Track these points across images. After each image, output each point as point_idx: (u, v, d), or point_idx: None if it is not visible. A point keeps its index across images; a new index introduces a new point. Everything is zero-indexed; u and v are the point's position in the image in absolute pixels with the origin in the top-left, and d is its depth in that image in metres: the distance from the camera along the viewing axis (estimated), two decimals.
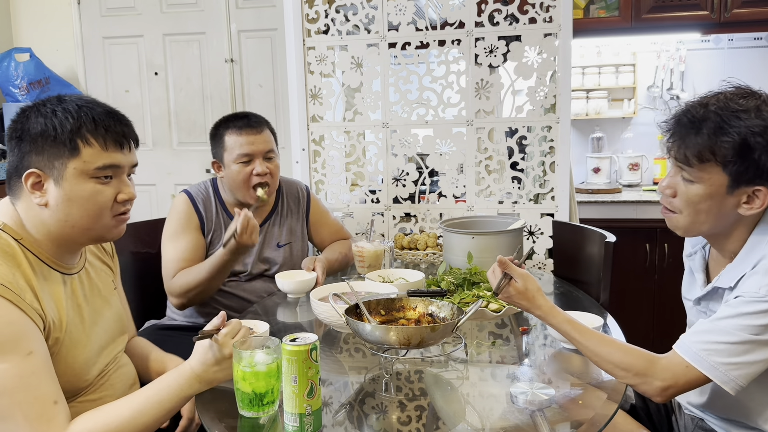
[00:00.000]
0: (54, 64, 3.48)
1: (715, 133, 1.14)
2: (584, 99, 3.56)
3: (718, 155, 1.15)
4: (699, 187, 1.20)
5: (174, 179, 3.62)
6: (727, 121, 1.14)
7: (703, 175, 1.18)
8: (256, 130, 1.97)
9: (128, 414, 1.10)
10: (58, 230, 1.15)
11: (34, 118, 1.12)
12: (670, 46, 3.46)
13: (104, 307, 1.30)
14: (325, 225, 2.23)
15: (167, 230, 1.95)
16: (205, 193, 2.02)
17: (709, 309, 1.33)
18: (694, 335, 1.19)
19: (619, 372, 1.21)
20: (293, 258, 2.10)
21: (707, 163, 1.17)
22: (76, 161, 1.12)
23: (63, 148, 1.11)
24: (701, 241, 1.40)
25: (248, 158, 1.94)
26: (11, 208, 1.16)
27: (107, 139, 1.14)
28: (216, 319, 1.21)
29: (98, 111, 1.15)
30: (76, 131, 1.12)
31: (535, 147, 2.50)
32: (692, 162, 1.18)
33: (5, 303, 1.02)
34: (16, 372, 1.01)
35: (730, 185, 1.17)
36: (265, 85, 3.39)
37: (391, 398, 1.22)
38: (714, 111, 1.16)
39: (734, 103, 1.16)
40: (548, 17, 2.40)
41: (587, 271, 2.12)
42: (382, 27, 2.53)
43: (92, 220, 1.15)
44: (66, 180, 1.12)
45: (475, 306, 1.35)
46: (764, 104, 1.16)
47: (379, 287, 1.68)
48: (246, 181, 1.94)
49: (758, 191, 1.17)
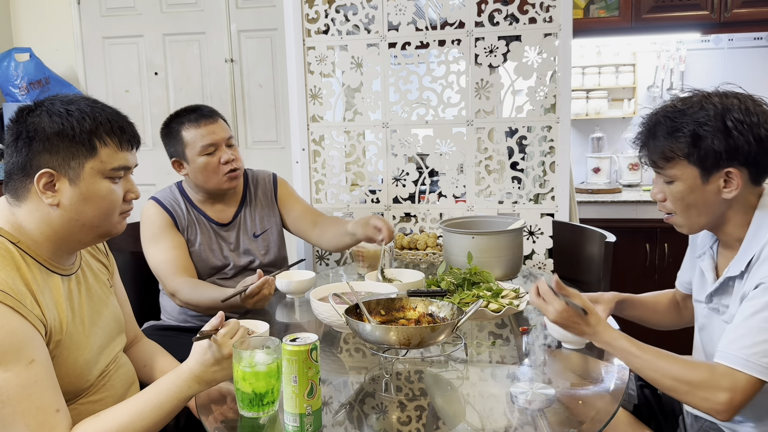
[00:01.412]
0: (54, 64, 3.48)
1: (669, 133, 1.26)
2: (584, 99, 3.56)
3: (679, 151, 1.25)
4: (678, 185, 1.28)
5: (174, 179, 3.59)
6: (676, 120, 1.25)
7: (676, 172, 1.27)
8: (212, 120, 1.96)
9: (127, 419, 1.09)
10: (65, 230, 1.15)
11: (48, 117, 1.12)
12: (670, 46, 3.46)
13: (102, 306, 1.30)
14: (295, 203, 2.17)
15: (146, 236, 1.94)
16: (172, 195, 2.02)
17: (722, 304, 1.33)
18: (733, 343, 1.16)
19: (682, 387, 1.17)
20: (272, 246, 2.09)
21: (673, 160, 1.26)
22: (93, 161, 1.14)
23: (81, 147, 1.12)
24: (709, 241, 1.41)
25: (213, 148, 1.93)
26: (6, 210, 1.15)
27: (122, 139, 1.17)
28: (214, 319, 1.21)
29: (110, 112, 1.18)
30: (94, 131, 1.13)
31: (535, 147, 2.50)
32: (661, 164, 1.28)
33: (6, 310, 1.02)
34: (18, 381, 1.01)
35: (702, 174, 1.25)
36: (265, 85, 3.39)
37: (391, 398, 1.22)
38: (663, 115, 1.28)
39: (679, 103, 1.27)
40: (548, 17, 2.40)
41: (587, 271, 2.12)
42: (382, 27, 2.53)
43: (103, 217, 1.18)
44: (83, 180, 1.13)
45: (475, 306, 1.35)
46: (705, 99, 1.25)
47: (379, 287, 1.69)
48: (215, 171, 1.94)
49: (730, 173, 1.23)
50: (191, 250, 1.96)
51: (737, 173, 1.23)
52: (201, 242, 1.98)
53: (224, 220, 2.03)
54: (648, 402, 1.57)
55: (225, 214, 2.04)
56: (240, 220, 2.06)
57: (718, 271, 1.37)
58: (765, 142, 1.21)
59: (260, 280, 1.64)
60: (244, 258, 2.04)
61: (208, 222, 2.01)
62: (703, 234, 1.43)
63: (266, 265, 2.04)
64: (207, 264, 1.98)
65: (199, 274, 1.96)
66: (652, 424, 1.53)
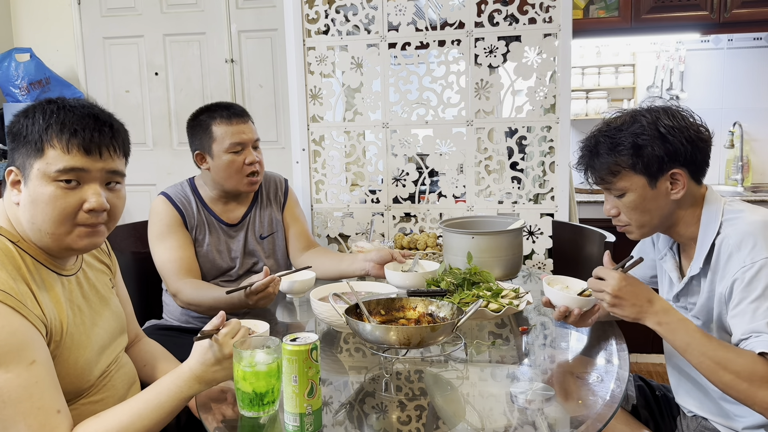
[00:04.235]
0: (54, 65, 3.48)
1: (611, 149, 1.33)
2: (584, 99, 3.56)
3: (623, 163, 1.32)
4: (630, 195, 1.35)
5: (174, 179, 3.58)
6: (615, 137, 1.33)
7: (624, 184, 1.34)
8: (243, 120, 1.96)
9: (128, 419, 1.09)
10: (32, 232, 1.13)
11: (22, 118, 1.13)
12: (669, 46, 3.46)
13: (103, 307, 1.30)
14: (295, 221, 2.15)
15: (153, 233, 1.93)
16: (183, 192, 2.01)
17: (689, 302, 1.38)
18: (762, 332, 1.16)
19: (741, 385, 1.14)
20: (277, 250, 2.10)
21: (620, 174, 1.34)
22: (39, 162, 1.10)
23: (31, 147, 1.11)
24: (668, 243, 1.46)
25: (240, 147, 1.92)
26: (6, 209, 1.15)
27: (71, 142, 1.11)
28: (215, 318, 1.21)
29: (76, 114, 1.12)
30: (43, 132, 1.10)
31: (534, 147, 2.51)
32: (609, 179, 1.36)
33: (7, 311, 1.02)
34: (20, 382, 1.01)
35: (650, 181, 1.32)
36: (265, 86, 3.40)
37: (391, 398, 1.22)
38: (601, 135, 1.36)
39: (613, 122, 1.36)
40: (548, 17, 2.40)
41: (587, 271, 2.11)
42: (382, 27, 2.53)
43: (55, 225, 1.11)
44: (31, 180, 1.11)
45: (475, 306, 1.35)
46: (635, 113, 1.34)
47: (379, 287, 1.69)
48: (239, 171, 1.93)
49: (675, 173, 1.31)
50: (199, 251, 1.96)
51: (681, 173, 1.31)
52: (209, 243, 1.97)
53: (233, 221, 2.03)
54: (646, 402, 1.58)
55: (235, 214, 2.04)
56: (249, 220, 2.06)
57: (683, 270, 1.42)
58: (696, 142, 1.30)
59: (266, 278, 1.63)
60: (250, 260, 2.04)
61: (218, 222, 2.00)
62: (662, 237, 1.48)
63: (269, 268, 2.04)
64: (213, 265, 1.97)
65: (204, 275, 1.96)
66: (650, 425, 1.54)
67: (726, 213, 1.32)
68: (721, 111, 3.44)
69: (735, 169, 3.40)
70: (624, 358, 1.37)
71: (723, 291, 1.26)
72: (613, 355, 1.39)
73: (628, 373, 1.29)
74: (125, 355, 1.38)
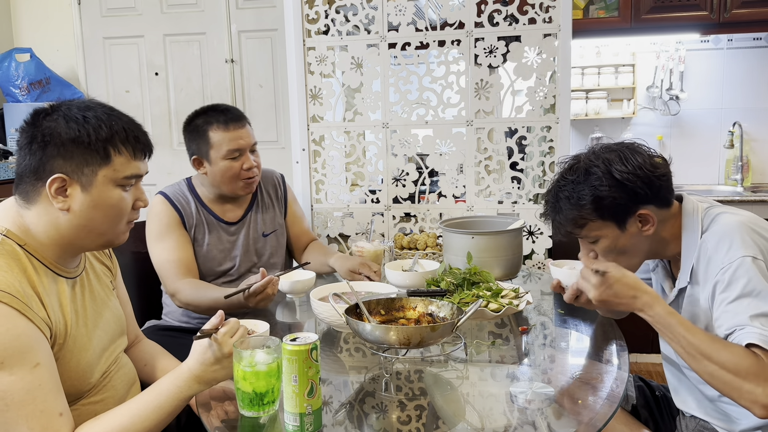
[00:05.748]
0: (54, 65, 3.48)
1: (573, 205, 1.34)
2: (584, 99, 3.56)
3: (588, 216, 1.33)
4: (603, 241, 1.35)
5: (174, 179, 3.56)
6: (574, 191, 1.33)
7: (594, 232, 1.35)
8: (241, 125, 1.94)
9: (128, 420, 1.09)
10: (72, 235, 1.15)
11: (64, 123, 1.12)
12: (669, 46, 3.46)
13: (104, 308, 1.30)
14: (297, 219, 2.17)
15: (151, 232, 1.93)
16: (181, 191, 2.00)
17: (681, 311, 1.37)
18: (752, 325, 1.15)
19: (727, 377, 1.12)
20: (280, 248, 2.10)
21: (587, 225, 1.34)
22: (106, 169, 1.14)
23: (95, 155, 1.12)
24: None
25: (238, 153, 1.92)
26: (14, 212, 1.15)
27: (136, 148, 1.18)
28: (214, 318, 1.21)
29: (125, 120, 1.18)
30: (109, 139, 1.13)
31: (534, 147, 2.51)
32: (577, 231, 1.36)
33: (13, 313, 1.02)
34: (23, 385, 1.01)
35: (618, 225, 1.33)
36: (265, 86, 3.40)
37: (391, 398, 1.22)
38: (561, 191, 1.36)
39: (569, 175, 1.36)
40: (548, 18, 2.40)
41: None
42: (382, 27, 2.54)
43: (110, 225, 1.18)
44: (95, 187, 1.13)
45: (475, 306, 1.35)
46: (588, 162, 1.34)
47: (379, 287, 1.69)
48: (237, 176, 1.93)
49: (642, 213, 1.31)
50: (198, 251, 1.95)
51: (647, 212, 1.31)
52: (209, 242, 1.97)
53: (233, 219, 2.03)
54: (646, 402, 1.58)
55: (234, 214, 2.04)
56: (249, 219, 2.06)
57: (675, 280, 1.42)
58: (654, 180, 1.30)
59: (264, 279, 1.62)
60: (250, 258, 2.04)
61: (217, 221, 2.00)
62: None
63: (271, 266, 2.04)
64: (213, 265, 1.97)
65: (204, 275, 1.96)
66: (650, 425, 1.54)
67: (705, 219, 1.32)
68: (721, 111, 3.44)
69: (735, 169, 3.40)
70: (624, 358, 1.37)
71: (707, 296, 1.27)
72: (613, 355, 1.40)
73: (627, 373, 1.29)
74: (125, 355, 1.38)
